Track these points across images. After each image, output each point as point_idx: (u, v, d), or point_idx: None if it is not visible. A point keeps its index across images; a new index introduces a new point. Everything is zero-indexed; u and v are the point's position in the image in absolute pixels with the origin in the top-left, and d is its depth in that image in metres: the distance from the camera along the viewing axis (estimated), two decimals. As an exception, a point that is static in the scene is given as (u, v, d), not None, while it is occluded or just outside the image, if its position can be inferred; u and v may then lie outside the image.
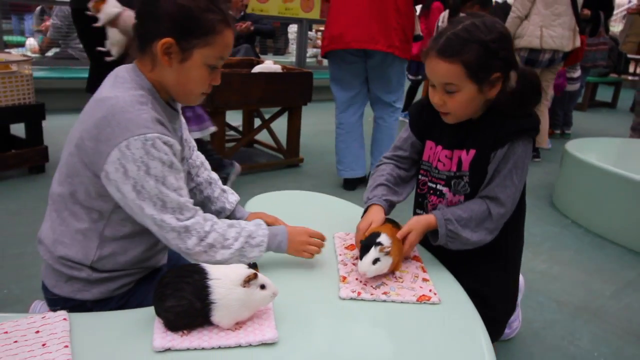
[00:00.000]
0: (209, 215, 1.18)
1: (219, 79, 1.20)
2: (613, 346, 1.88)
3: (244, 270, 1.01)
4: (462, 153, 1.40)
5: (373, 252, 1.21)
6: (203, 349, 0.95)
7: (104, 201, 1.13)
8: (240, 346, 0.96)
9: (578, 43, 3.92)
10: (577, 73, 5.29)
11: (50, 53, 5.60)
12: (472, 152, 1.39)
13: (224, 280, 0.99)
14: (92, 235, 1.15)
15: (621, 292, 2.29)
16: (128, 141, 1.03)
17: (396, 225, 1.39)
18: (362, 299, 1.18)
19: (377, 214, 1.41)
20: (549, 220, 3.12)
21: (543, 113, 4.09)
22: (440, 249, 1.41)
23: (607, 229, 2.91)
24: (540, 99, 1.43)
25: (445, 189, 1.45)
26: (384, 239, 1.24)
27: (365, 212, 1.46)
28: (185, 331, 0.98)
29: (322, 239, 1.33)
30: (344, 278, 1.25)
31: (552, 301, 2.16)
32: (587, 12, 5.26)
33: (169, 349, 0.94)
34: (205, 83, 1.18)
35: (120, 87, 1.12)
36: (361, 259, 1.23)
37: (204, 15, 1.10)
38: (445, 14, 4.89)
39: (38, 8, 6.52)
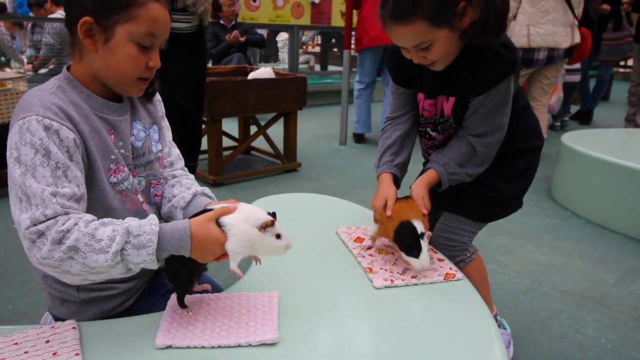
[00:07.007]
0: (80, 215, 0.92)
1: (158, 60, 1.06)
2: (620, 332, 1.89)
3: (263, 215, 1.00)
4: (443, 100, 1.40)
5: (425, 245, 1.22)
6: (203, 347, 0.96)
7: None
8: (240, 346, 0.97)
9: (577, 39, 3.77)
10: (576, 64, 5.21)
11: (43, 70, 5.60)
12: (452, 99, 1.38)
13: (239, 219, 0.99)
14: None
15: (624, 280, 2.30)
16: (11, 131, 0.96)
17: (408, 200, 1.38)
18: (395, 286, 1.19)
19: (388, 188, 1.39)
20: (549, 212, 3.13)
21: (542, 112, 4.03)
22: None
23: (607, 218, 2.92)
24: (504, 27, 1.24)
25: (434, 133, 1.49)
26: (420, 226, 1.24)
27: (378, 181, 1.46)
28: (190, 312, 1.02)
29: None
30: (370, 269, 1.26)
31: (556, 291, 2.17)
32: (606, 7, 5.24)
33: (170, 347, 0.95)
34: (139, 64, 1.03)
35: None
36: (409, 254, 1.22)
37: None
38: None
39: (30, 24, 6.51)
